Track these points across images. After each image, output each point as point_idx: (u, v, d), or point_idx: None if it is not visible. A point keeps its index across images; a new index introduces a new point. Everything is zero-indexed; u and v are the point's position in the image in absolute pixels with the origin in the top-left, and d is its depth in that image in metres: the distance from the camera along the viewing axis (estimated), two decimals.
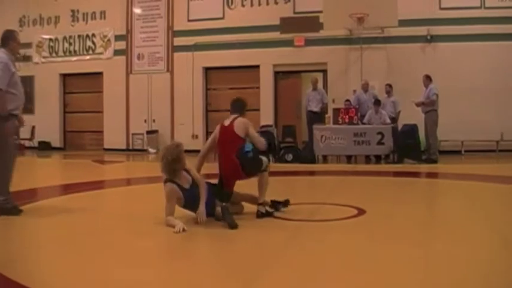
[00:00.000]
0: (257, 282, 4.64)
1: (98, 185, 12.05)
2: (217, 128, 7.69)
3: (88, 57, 23.90)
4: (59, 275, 4.86)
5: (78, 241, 6.25)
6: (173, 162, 7.02)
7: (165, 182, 7.08)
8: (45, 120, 23.63)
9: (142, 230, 6.90)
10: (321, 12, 19.58)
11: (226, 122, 7.63)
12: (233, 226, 6.69)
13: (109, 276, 4.86)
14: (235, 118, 7.63)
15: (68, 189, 11.12)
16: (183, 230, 6.52)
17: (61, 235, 6.67)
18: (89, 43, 23.96)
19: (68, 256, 5.60)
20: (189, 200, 7.10)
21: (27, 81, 21.70)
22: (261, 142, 7.56)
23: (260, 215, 7.35)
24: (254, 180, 7.42)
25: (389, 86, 17.86)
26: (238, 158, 7.31)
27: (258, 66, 21.29)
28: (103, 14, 23.79)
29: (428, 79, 16.72)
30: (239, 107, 7.88)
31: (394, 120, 17.33)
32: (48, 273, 4.98)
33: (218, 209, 7.14)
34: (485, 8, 20.13)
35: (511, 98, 19.43)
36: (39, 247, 6.24)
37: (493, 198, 9.59)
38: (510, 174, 13.26)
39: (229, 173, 7.43)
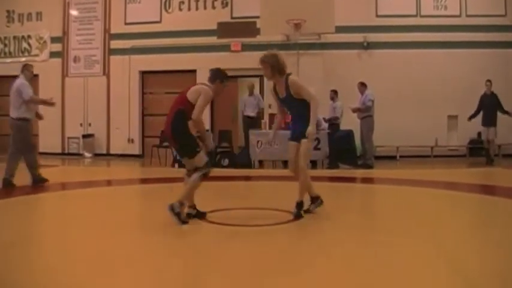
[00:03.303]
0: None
1: (32, 189, 11.78)
2: None
3: (23, 59, 23.33)
4: None
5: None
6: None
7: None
8: None
9: (77, 236, 6.76)
10: (258, 17, 19.52)
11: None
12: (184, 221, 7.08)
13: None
14: (201, 84, 7.59)
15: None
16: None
17: None
18: (24, 45, 23.48)
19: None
20: None
21: None
22: (198, 112, 7.26)
23: (170, 208, 7.15)
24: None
25: (334, 92, 17.83)
26: (173, 117, 7.27)
27: (194, 71, 21.14)
28: (39, 15, 23.31)
29: (363, 86, 16.84)
30: (211, 75, 7.74)
31: (334, 125, 17.31)
32: None
33: None
34: (421, 16, 20.46)
35: (446, 105, 19.81)
36: None
37: (426, 203, 9.69)
38: (444, 179, 13.48)
39: (165, 129, 7.44)
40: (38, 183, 12.09)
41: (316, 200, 8.08)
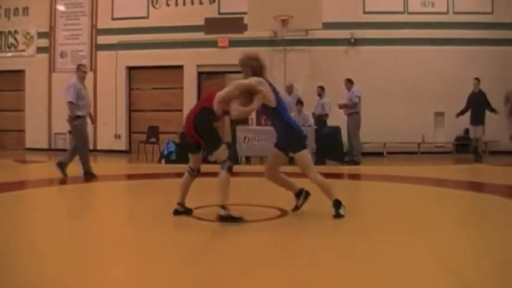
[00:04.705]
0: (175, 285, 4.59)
1: (20, 185, 11.76)
2: None
3: (10, 54, 23.32)
4: None
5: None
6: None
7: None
8: None
9: (66, 233, 6.71)
10: (245, 13, 19.54)
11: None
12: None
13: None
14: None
15: None
16: None
17: None
18: (11, 40, 23.36)
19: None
20: None
21: None
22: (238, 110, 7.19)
23: (220, 218, 7.00)
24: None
25: (321, 88, 17.81)
26: (197, 113, 7.13)
27: (181, 67, 21.16)
28: (26, 11, 23.19)
29: (350, 82, 16.86)
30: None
31: (322, 122, 17.32)
32: None
33: None
34: (409, 13, 20.55)
35: (433, 101, 19.92)
36: None
37: (415, 200, 9.68)
38: (431, 175, 13.51)
39: (187, 124, 7.23)
40: (88, 177, 12.69)
41: (300, 194, 7.92)
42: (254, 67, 7.37)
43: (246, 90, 7.15)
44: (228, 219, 6.95)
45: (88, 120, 13.32)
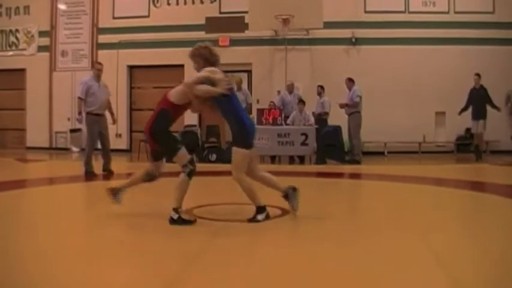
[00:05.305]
0: (175, 285, 4.57)
1: (21, 184, 11.75)
2: None
3: (11, 53, 23.34)
4: None
5: None
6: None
7: None
8: None
9: (61, 233, 6.69)
10: (246, 12, 19.58)
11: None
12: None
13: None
14: None
15: None
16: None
17: None
18: (12, 39, 23.39)
19: None
20: None
21: None
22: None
23: (171, 221, 6.81)
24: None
25: (321, 87, 17.83)
26: (151, 126, 6.95)
27: (182, 66, 21.10)
28: (27, 9, 23.23)
29: (351, 82, 16.82)
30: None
31: (322, 121, 17.34)
32: None
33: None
34: (410, 12, 20.56)
35: (433, 101, 19.91)
36: None
37: (414, 199, 9.66)
38: (431, 175, 13.53)
39: (145, 131, 7.12)
40: (87, 175, 12.86)
41: (287, 195, 7.44)
42: (205, 55, 7.15)
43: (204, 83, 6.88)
44: (178, 222, 6.79)
45: (109, 118, 13.87)
